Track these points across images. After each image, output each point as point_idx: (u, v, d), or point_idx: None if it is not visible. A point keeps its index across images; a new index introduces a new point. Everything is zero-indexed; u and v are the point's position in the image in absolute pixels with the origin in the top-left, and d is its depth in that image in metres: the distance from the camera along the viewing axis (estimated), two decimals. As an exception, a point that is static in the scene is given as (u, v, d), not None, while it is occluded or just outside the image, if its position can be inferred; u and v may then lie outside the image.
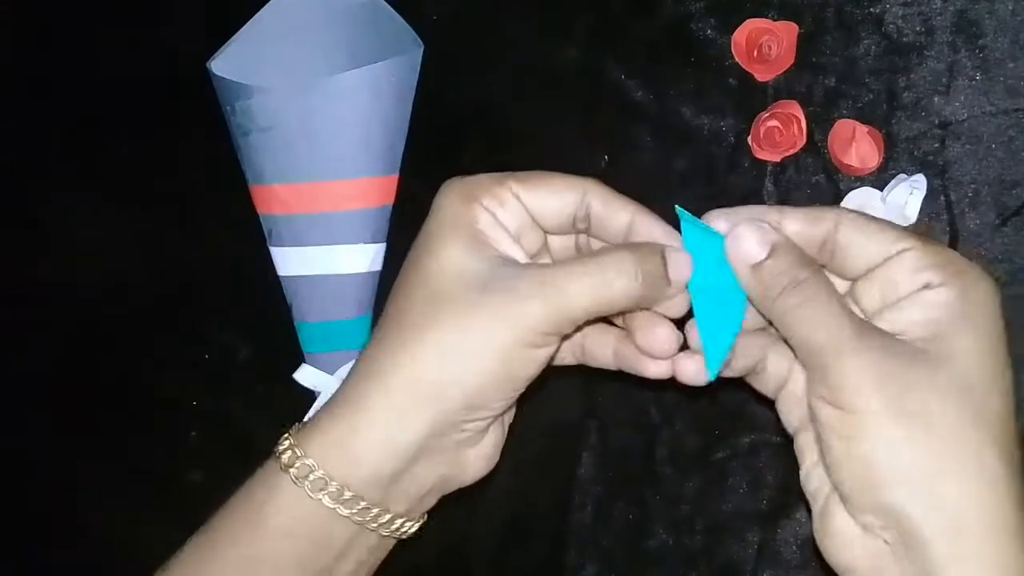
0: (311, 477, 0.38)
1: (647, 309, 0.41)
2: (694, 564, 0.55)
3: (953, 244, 0.52)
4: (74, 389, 0.63)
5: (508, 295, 0.38)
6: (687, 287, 0.40)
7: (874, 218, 0.39)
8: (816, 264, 0.38)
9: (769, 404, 0.54)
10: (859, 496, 0.36)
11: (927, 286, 0.37)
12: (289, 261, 0.58)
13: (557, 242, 0.43)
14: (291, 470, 0.39)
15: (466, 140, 0.58)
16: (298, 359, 0.59)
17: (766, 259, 0.38)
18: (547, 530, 0.57)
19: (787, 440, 0.53)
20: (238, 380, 0.61)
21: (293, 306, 0.59)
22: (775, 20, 0.53)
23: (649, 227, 0.40)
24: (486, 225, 0.40)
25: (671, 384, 0.42)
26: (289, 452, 0.39)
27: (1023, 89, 0.51)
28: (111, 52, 0.62)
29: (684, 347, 0.41)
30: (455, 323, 0.38)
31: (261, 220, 0.59)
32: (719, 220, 0.39)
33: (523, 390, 0.40)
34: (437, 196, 0.41)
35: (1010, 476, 0.35)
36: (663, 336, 0.41)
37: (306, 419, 0.58)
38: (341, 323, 0.58)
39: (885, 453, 0.35)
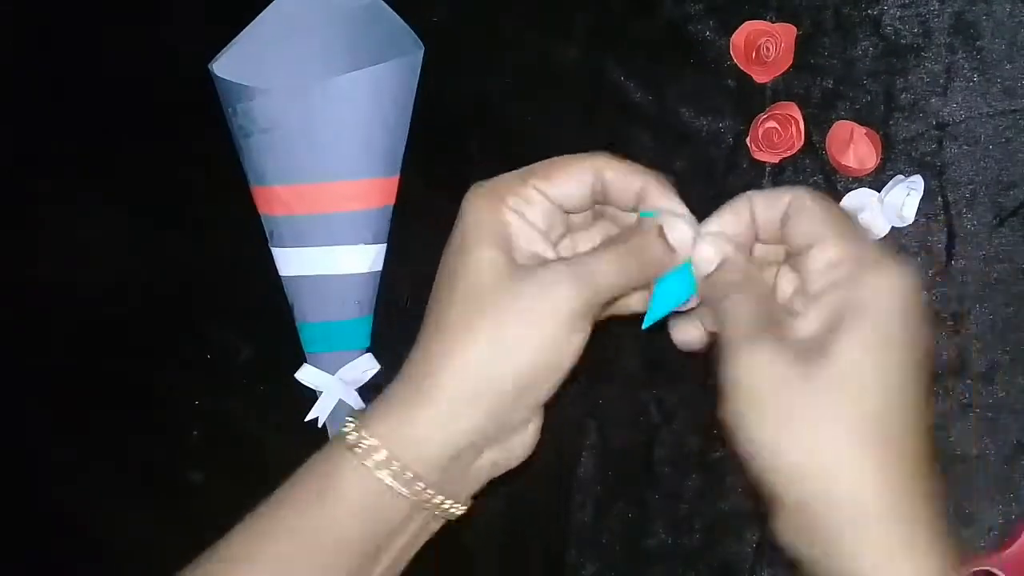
0: (375, 457, 0.40)
1: None
2: (693, 563, 0.55)
3: (951, 244, 0.52)
4: (74, 389, 0.63)
5: (542, 284, 0.40)
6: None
7: (821, 203, 0.40)
8: (756, 277, 0.42)
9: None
10: (768, 496, 0.38)
11: (834, 282, 0.39)
12: (290, 261, 0.58)
13: (577, 216, 0.46)
14: (356, 449, 0.41)
15: (466, 140, 0.58)
16: (299, 359, 0.59)
17: (715, 271, 0.42)
18: (547, 530, 0.57)
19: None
20: (239, 380, 0.61)
21: (294, 306, 0.59)
22: (773, 22, 0.53)
23: (656, 196, 0.43)
24: (516, 227, 0.42)
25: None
26: (355, 434, 0.41)
27: (1020, 90, 0.51)
28: (113, 53, 0.62)
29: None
30: (497, 319, 0.40)
31: (262, 221, 0.59)
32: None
33: (566, 377, 0.42)
34: (464, 201, 0.43)
35: (891, 469, 0.36)
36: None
37: (307, 419, 0.59)
38: (342, 323, 0.58)
39: (771, 452, 0.37)
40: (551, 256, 0.43)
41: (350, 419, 0.42)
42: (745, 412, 0.38)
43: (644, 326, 0.44)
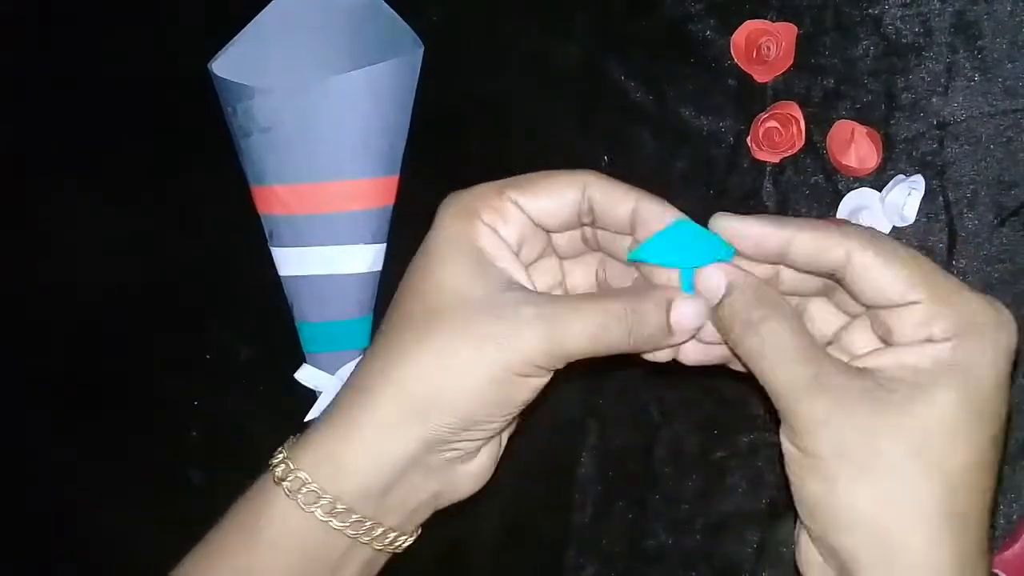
0: (303, 490, 0.39)
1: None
2: (693, 564, 0.55)
3: (952, 244, 0.52)
4: (74, 389, 0.63)
5: (506, 323, 0.38)
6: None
7: (886, 253, 0.37)
8: (776, 302, 0.38)
9: (769, 403, 0.54)
10: (811, 529, 0.37)
11: (929, 339, 0.36)
12: (290, 261, 0.58)
13: (562, 239, 0.43)
14: (284, 483, 0.39)
15: (466, 140, 0.58)
16: (299, 359, 0.59)
17: (723, 298, 0.38)
18: (547, 530, 0.57)
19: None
20: (238, 380, 0.61)
21: (294, 306, 0.59)
22: (774, 21, 0.53)
23: (651, 214, 0.40)
24: (487, 243, 0.39)
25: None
26: (283, 465, 0.39)
27: (1021, 90, 0.51)
28: (112, 53, 0.62)
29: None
30: (449, 343, 0.38)
31: (262, 221, 0.59)
32: (725, 225, 0.39)
33: (516, 414, 0.40)
34: (438, 211, 0.41)
35: (956, 533, 0.35)
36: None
37: (307, 419, 0.59)
38: (342, 323, 0.58)
39: (832, 496, 0.35)
40: (522, 279, 0.40)
41: (281, 449, 0.40)
42: (816, 457, 0.35)
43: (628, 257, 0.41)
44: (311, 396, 0.59)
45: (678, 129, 0.55)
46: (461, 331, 0.38)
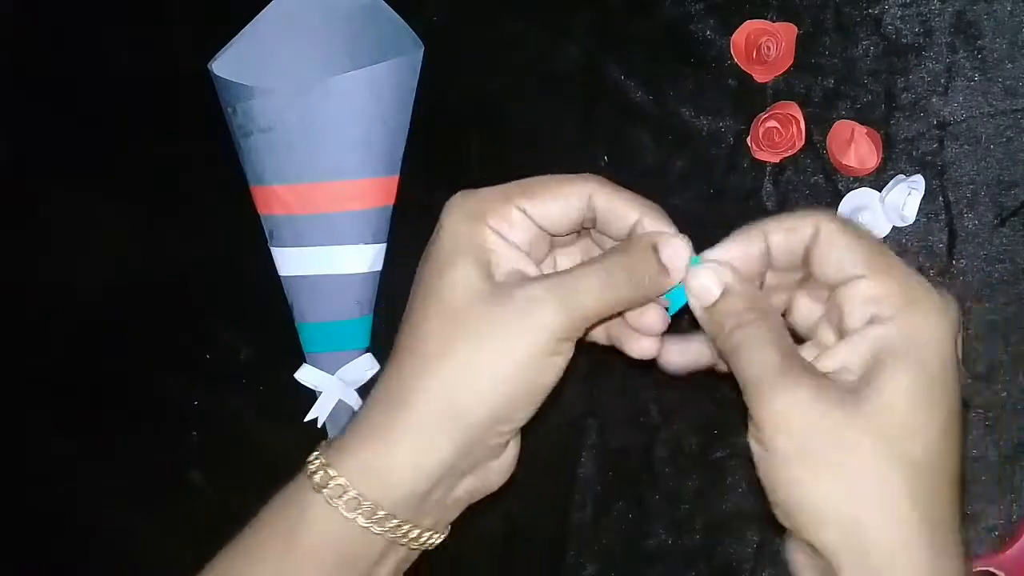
0: (345, 497, 0.39)
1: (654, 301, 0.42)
2: (693, 563, 0.55)
3: (952, 244, 0.52)
4: (74, 389, 0.63)
5: (521, 304, 0.38)
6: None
7: (850, 232, 0.38)
8: (765, 305, 0.39)
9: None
10: (788, 527, 0.37)
11: (872, 320, 0.37)
12: (290, 261, 0.58)
13: (561, 241, 0.44)
14: (324, 490, 0.39)
15: (466, 140, 0.58)
16: (299, 359, 0.59)
17: (717, 301, 0.39)
18: (547, 530, 0.57)
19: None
20: (238, 380, 0.61)
21: (294, 306, 0.59)
22: (774, 21, 0.53)
23: (652, 226, 0.41)
24: (496, 245, 0.40)
25: (670, 375, 0.43)
26: (321, 472, 0.40)
27: (1021, 90, 0.51)
28: (112, 53, 0.62)
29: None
30: (473, 341, 0.38)
31: (262, 221, 0.59)
32: (709, 264, 0.40)
33: (542, 400, 0.40)
34: (442, 215, 0.41)
35: (925, 517, 0.35)
36: (652, 315, 0.42)
37: (307, 419, 0.59)
38: (342, 323, 0.58)
39: (799, 496, 0.36)
40: (532, 271, 0.40)
41: (316, 454, 0.40)
42: (780, 454, 0.36)
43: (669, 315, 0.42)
44: (311, 396, 0.59)
45: (678, 129, 0.55)
46: (484, 328, 0.38)
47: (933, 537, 0.35)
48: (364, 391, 0.59)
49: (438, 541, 0.42)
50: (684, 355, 0.43)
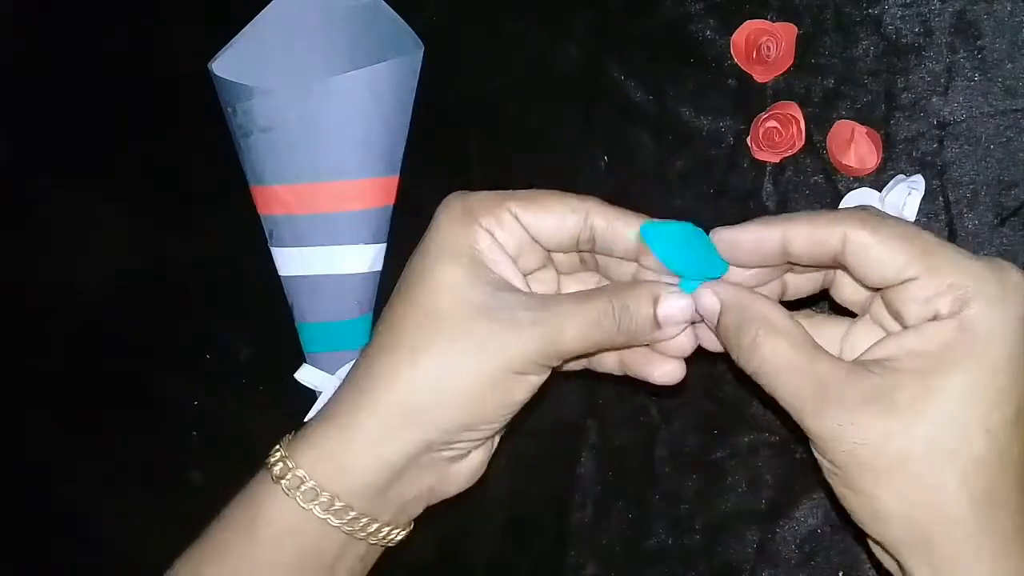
0: (302, 488, 0.39)
1: (647, 345, 0.42)
2: (693, 563, 0.55)
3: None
4: (74, 389, 0.63)
5: (503, 324, 0.38)
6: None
7: (881, 230, 0.37)
8: (764, 312, 0.38)
9: (769, 403, 0.54)
10: (860, 525, 0.37)
11: (935, 317, 0.36)
12: (290, 261, 0.58)
13: (561, 255, 0.43)
14: (283, 481, 0.39)
15: (466, 140, 0.58)
16: (299, 359, 0.59)
17: (719, 319, 0.39)
18: (547, 530, 0.57)
19: (787, 440, 0.53)
20: (238, 380, 0.61)
21: (294, 306, 0.59)
22: (774, 21, 0.53)
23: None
24: (485, 247, 0.40)
25: (671, 389, 0.43)
26: (281, 464, 0.40)
27: (1021, 90, 0.51)
28: (112, 52, 0.62)
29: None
30: (448, 348, 0.38)
31: (262, 220, 0.59)
32: (719, 237, 0.40)
33: (513, 414, 0.40)
34: (437, 212, 0.41)
35: (987, 516, 0.35)
36: (681, 337, 0.41)
37: (306, 420, 0.59)
38: (342, 323, 0.58)
39: (862, 501, 0.36)
40: (519, 284, 0.40)
41: (278, 448, 0.41)
42: (838, 466, 0.36)
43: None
44: (311, 396, 0.59)
45: (678, 129, 0.55)
46: (460, 336, 0.38)
47: (994, 537, 0.35)
48: (364, 391, 0.59)
49: (398, 538, 0.42)
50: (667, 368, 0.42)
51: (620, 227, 0.40)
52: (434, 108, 0.58)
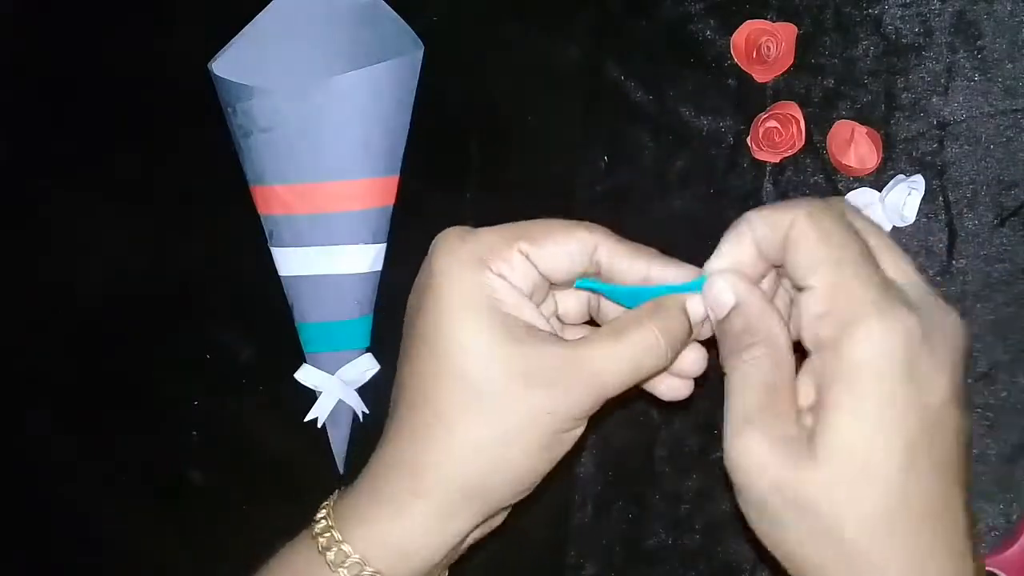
0: (350, 562, 0.38)
1: None
2: (693, 563, 0.55)
3: (952, 244, 0.52)
4: (74, 389, 0.63)
5: (545, 388, 0.36)
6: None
7: (818, 230, 0.34)
8: (773, 329, 0.36)
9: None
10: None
11: (818, 342, 0.34)
12: (290, 261, 0.58)
13: (568, 299, 0.42)
14: (328, 554, 0.38)
15: (466, 140, 0.58)
16: (299, 359, 0.59)
17: (727, 315, 0.37)
18: (547, 530, 0.57)
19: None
20: (238, 380, 0.61)
21: (294, 306, 0.59)
22: (774, 21, 0.53)
23: (664, 276, 0.39)
24: (503, 294, 0.37)
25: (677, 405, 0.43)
26: (328, 534, 0.38)
27: (1021, 90, 0.51)
28: (112, 52, 0.62)
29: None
30: (494, 418, 0.36)
31: (262, 220, 0.59)
32: (723, 277, 0.37)
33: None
34: (435, 257, 0.38)
35: (893, 554, 0.33)
36: (691, 357, 0.40)
37: (306, 419, 0.59)
38: (342, 323, 0.58)
39: (766, 540, 0.35)
40: (541, 325, 0.38)
41: (324, 515, 0.39)
42: (744, 502, 0.35)
43: None
44: (311, 396, 0.59)
45: (678, 129, 0.55)
46: (503, 406, 0.36)
47: (915, 554, 0.33)
48: (364, 391, 0.59)
49: None
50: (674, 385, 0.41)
51: (625, 264, 0.39)
52: (434, 108, 0.58)
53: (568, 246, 0.39)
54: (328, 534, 0.38)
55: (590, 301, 0.42)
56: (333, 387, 0.58)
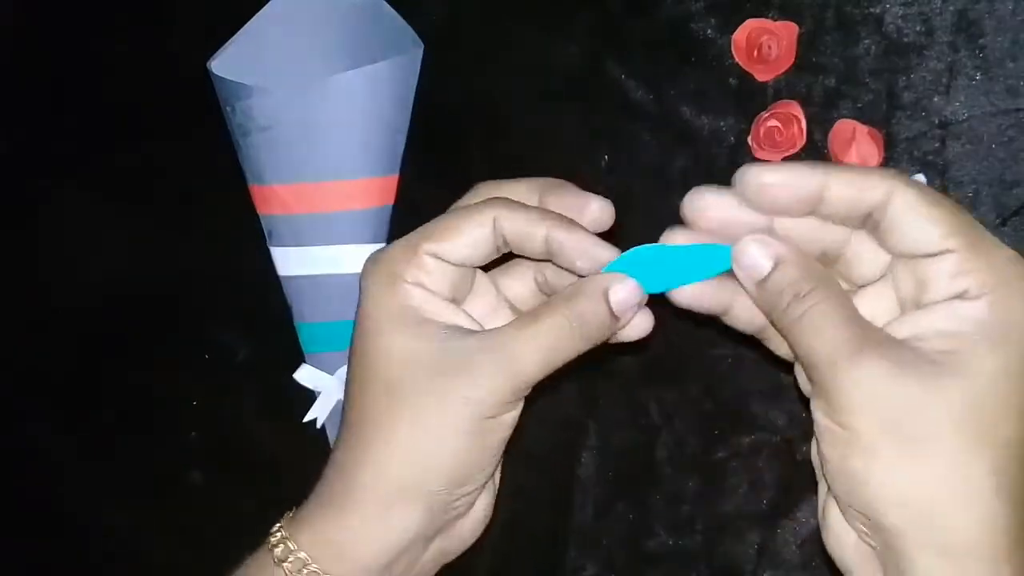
0: (305, 572, 0.39)
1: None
2: (694, 564, 0.55)
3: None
4: (74, 389, 0.63)
5: (459, 376, 0.38)
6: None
7: (930, 199, 0.35)
8: (823, 274, 0.37)
9: (770, 404, 0.54)
10: (850, 506, 0.35)
11: (962, 295, 0.34)
12: (289, 261, 0.58)
13: (516, 286, 0.43)
14: (285, 564, 0.39)
15: (466, 140, 0.58)
16: (298, 359, 0.59)
17: (771, 273, 0.37)
18: (547, 530, 0.57)
19: (787, 440, 0.53)
20: (238, 380, 0.61)
21: (293, 306, 0.59)
22: (775, 20, 0.53)
23: (563, 240, 0.39)
24: (419, 300, 0.39)
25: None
26: (282, 546, 0.40)
27: (1023, 89, 0.51)
28: (112, 52, 0.62)
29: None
30: (414, 414, 0.38)
31: (261, 220, 0.59)
32: (756, 178, 0.36)
33: (502, 451, 0.40)
34: (361, 279, 0.40)
35: (1009, 510, 0.33)
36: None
37: (306, 419, 0.59)
38: (341, 323, 0.58)
39: (876, 473, 0.34)
40: (463, 322, 0.39)
41: (279, 524, 0.40)
42: (858, 432, 0.34)
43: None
44: (311, 396, 0.59)
45: (678, 129, 0.55)
46: (423, 400, 0.38)
47: (1016, 529, 0.33)
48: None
49: None
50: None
51: (524, 226, 0.39)
52: (434, 108, 0.58)
53: (470, 233, 0.39)
54: (283, 545, 0.39)
55: (536, 279, 0.43)
56: (332, 387, 0.58)
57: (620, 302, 0.39)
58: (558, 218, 0.39)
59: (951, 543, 0.33)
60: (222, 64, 0.57)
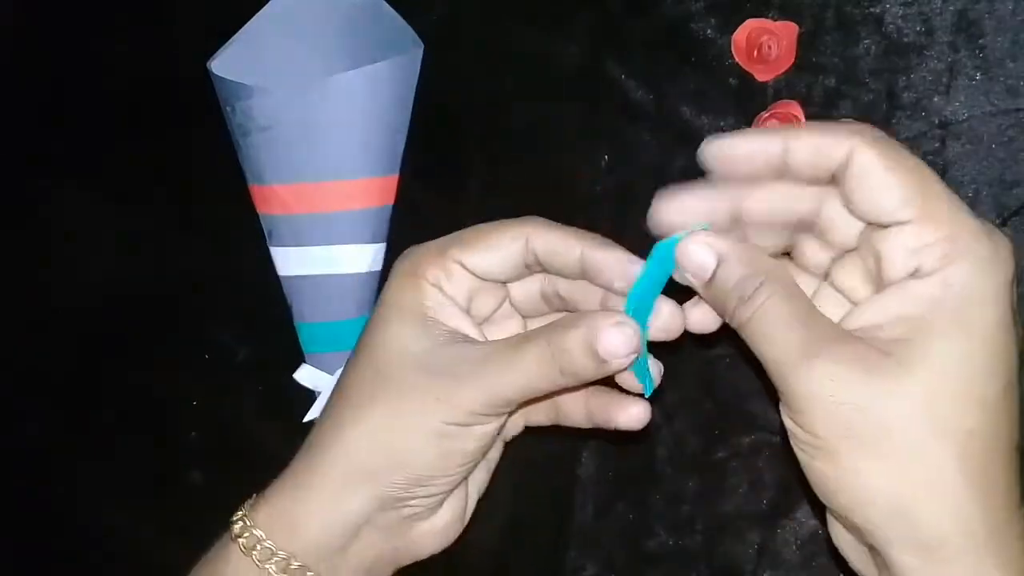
0: (258, 547, 0.39)
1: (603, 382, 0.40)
2: (694, 564, 0.55)
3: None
4: (74, 389, 0.63)
5: (443, 378, 0.38)
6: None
7: (890, 157, 0.33)
8: (772, 269, 0.35)
9: (770, 403, 0.54)
10: (831, 509, 0.35)
11: (916, 273, 0.33)
12: (289, 261, 0.58)
13: (518, 290, 0.43)
14: (240, 540, 0.40)
15: (466, 140, 0.58)
16: (298, 359, 0.59)
17: (714, 273, 0.36)
18: (547, 530, 0.57)
19: (787, 440, 0.53)
20: (238, 380, 0.61)
21: (293, 306, 0.59)
22: (775, 20, 0.53)
23: (600, 260, 0.39)
24: (434, 302, 0.40)
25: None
26: (240, 523, 0.40)
27: (1023, 89, 0.51)
28: (112, 52, 0.62)
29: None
30: (389, 404, 0.38)
31: (261, 220, 0.59)
32: (715, 148, 0.36)
33: (469, 466, 0.40)
34: (391, 272, 0.41)
35: (979, 496, 0.32)
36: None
37: (306, 419, 0.59)
38: (341, 323, 0.58)
39: (841, 475, 0.33)
40: (470, 332, 0.40)
41: (242, 508, 0.41)
42: (819, 435, 0.33)
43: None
44: (311, 396, 0.59)
45: (678, 129, 0.55)
46: (402, 392, 0.38)
47: (988, 513, 0.32)
48: (364, 391, 0.59)
49: None
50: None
51: (559, 246, 0.39)
52: (434, 108, 0.58)
53: (500, 245, 0.40)
54: (241, 522, 0.40)
55: (543, 289, 0.42)
56: (332, 387, 0.58)
57: (608, 349, 0.37)
58: (593, 237, 0.40)
59: (925, 538, 0.32)
60: (222, 64, 0.57)
